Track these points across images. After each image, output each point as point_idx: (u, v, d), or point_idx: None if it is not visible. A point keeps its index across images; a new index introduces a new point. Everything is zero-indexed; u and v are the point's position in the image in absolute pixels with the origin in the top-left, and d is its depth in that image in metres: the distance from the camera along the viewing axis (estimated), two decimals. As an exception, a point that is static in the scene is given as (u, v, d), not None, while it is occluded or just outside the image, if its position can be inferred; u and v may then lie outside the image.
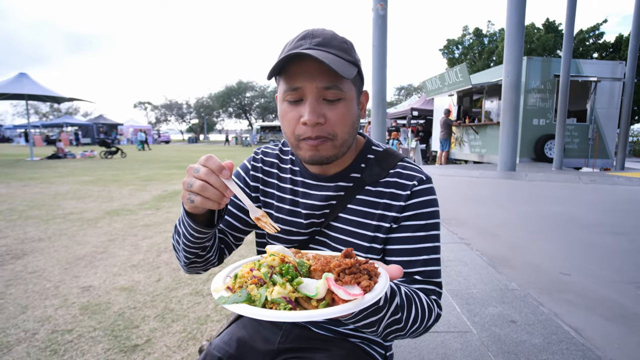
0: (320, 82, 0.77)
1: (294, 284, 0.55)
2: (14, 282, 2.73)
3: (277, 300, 0.53)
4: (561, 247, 3.63)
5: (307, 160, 0.83)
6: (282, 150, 1.02)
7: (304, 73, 0.77)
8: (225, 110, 59.43)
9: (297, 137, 0.81)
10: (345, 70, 0.76)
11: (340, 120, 0.80)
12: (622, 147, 11.63)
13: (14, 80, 14.18)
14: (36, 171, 10.43)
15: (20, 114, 53.62)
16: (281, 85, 0.82)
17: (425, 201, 0.86)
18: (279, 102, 0.85)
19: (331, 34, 0.81)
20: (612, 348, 1.91)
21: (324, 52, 0.76)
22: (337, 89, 0.78)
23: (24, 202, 5.80)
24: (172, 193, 6.71)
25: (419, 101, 19.31)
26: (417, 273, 0.83)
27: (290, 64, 0.78)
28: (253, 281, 0.57)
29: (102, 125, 39.81)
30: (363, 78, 0.88)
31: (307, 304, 0.54)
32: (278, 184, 0.98)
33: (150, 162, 14.27)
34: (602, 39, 25.58)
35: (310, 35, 0.80)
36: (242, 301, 0.54)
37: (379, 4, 7.68)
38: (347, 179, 0.90)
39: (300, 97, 0.79)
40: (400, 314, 0.72)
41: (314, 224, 0.92)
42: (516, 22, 8.32)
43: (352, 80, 0.82)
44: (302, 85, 0.77)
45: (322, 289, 0.53)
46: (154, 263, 3.15)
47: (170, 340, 1.98)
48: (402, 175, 0.88)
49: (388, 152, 0.94)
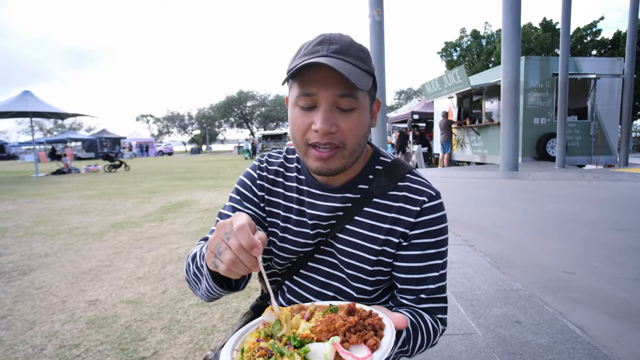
0: (336, 90, 0.75)
1: (301, 353, 0.53)
2: (21, 298, 2.76)
3: None
4: (565, 245, 3.61)
5: (314, 170, 0.82)
6: (286, 159, 0.98)
7: (319, 80, 0.75)
8: (226, 120, 59.80)
9: (307, 141, 0.79)
10: (362, 81, 0.74)
11: (352, 130, 0.78)
12: (625, 143, 11.59)
13: (19, 98, 14.39)
14: (41, 187, 10.53)
15: (25, 131, 54.23)
16: (294, 89, 0.79)
17: (435, 218, 0.85)
18: (290, 106, 0.82)
19: (349, 42, 0.79)
20: (618, 346, 1.90)
21: (341, 60, 0.74)
22: (352, 98, 0.76)
23: (30, 218, 5.86)
24: (176, 204, 6.76)
25: (419, 104, 19.34)
26: (424, 291, 0.85)
27: (305, 69, 0.75)
28: (260, 353, 0.55)
29: (106, 139, 40.17)
30: (377, 86, 0.86)
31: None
32: (284, 193, 0.95)
33: (154, 174, 14.35)
34: (599, 36, 25.60)
35: (328, 41, 0.78)
36: None
37: (375, 10, 7.75)
38: (354, 190, 0.88)
39: (314, 104, 0.77)
40: (407, 346, 0.78)
41: (320, 234, 0.90)
42: (512, 23, 8.36)
43: (367, 90, 0.80)
44: (317, 92, 0.75)
45: (330, 355, 0.52)
46: (160, 275, 3.17)
47: (177, 352, 1.99)
48: (411, 189, 0.87)
49: (396, 163, 0.92)
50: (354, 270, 0.87)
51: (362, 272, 0.86)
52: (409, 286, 0.85)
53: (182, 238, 4.35)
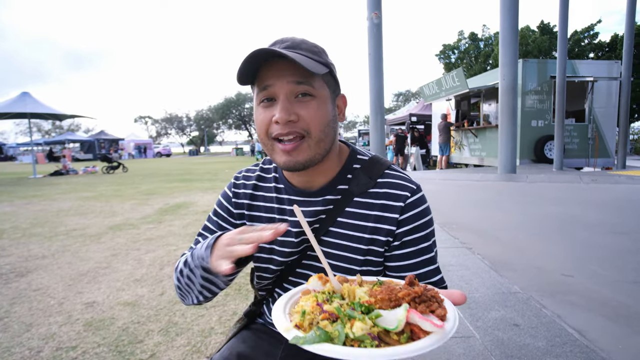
0: (290, 78, 0.77)
1: (372, 317, 0.51)
2: (18, 300, 2.75)
3: (362, 337, 0.48)
4: (563, 248, 3.62)
5: (282, 165, 0.82)
6: (263, 169, 0.99)
7: (273, 72, 0.78)
8: (225, 122, 59.84)
9: (270, 135, 0.80)
10: (314, 67, 0.76)
11: (313, 118, 0.79)
12: (623, 145, 11.65)
13: (17, 99, 14.38)
14: (39, 188, 10.49)
15: (23, 132, 54.01)
16: (255, 90, 0.82)
17: (420, 212, 0.85)
18: (254, 109, 0.84)
19: (301, 39, 0.83)
20: (616, 349, 1.91)
21: (292, 52, 0.77)
22: (308, 85, 0.78)
23: (27, 219, 5.84)
24: (174, 206, 6.74)
25: (417, 106, 19.40)
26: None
27: (260, 68, 0.79)
28: (324, 316, 0.52)
29: (104, 140, 40.08)
30: (338, 82, 0.88)
31: (387, 338, 0.50)
32: (264, 205, 0.95)
33: (152, 176, 14.33)
34: (597, 39, 25.74)
35: (280, 41, 0.82)
36: (323, 340, 0.49)
37: (374, 12, 7.78)
38: (334, 192, 0.88)
39: (272, 96, 0.79)
40: None
41: (305, 241, 0.89)
42: (510, 25, 8.41)
43: (324, 80, 0.82)
44: (272, 83, 0.78)
45: (403, 322, 0.49)
46: (157, 277, 3.16)
47: (175, 354, 1.98)
48: (391, 185, 0.87)
49: (374, 160, 0.92)
50: (342, 272, 0.86)
51: (351, 273, 0.86)
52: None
53: (180, 240, 4.34)
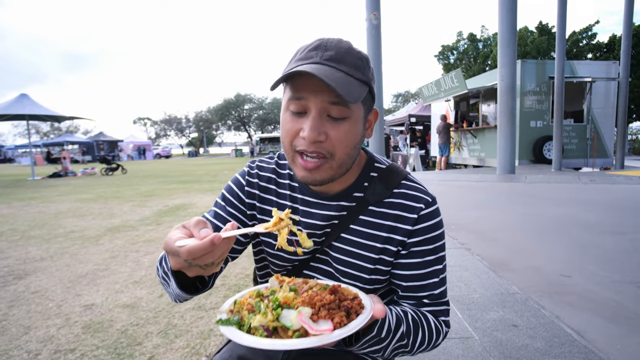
0: (326, 97, 0.73)
1: (275, 314, 0.59)
2: (17, 302, 2.74)
3: (257, 327, 0.58)
4: (561, 248, 3.63)
5: (299, 179, 0.80)
6: (278, 164, 0.96)
7: (310, 86, 0.73)
8: (224, 123, 59.83)
9: (294, 147, 0.77)
10: (354, 92, 0.72)
11: (342, 140, 0.75)
12: (621, 145, 11.67)
13: (15, 101, 14.33)
14: (37, 190, 10.47)
15: (21, 134, 53.91)
16: (286, 92, 0.77)
17: (432, 225, 0.85)
18: (282, 109, 0.80)
19: (346, 49, 0.75)
20: (614, 350, 1.91)
21: (333, 69, 0.72)
22: (343, 106, 0.73)
23: (25, 222, 5.82)
24: (173, 208, 6.73)
25: (416, 107, 19.44)
26: (426, 297, 0.85)
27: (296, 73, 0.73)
28: (247, 307, 0.63)
29: (103, 142, 40.05)
30: (374, 95, 0.83)
31: (284, 334, 0.58)
32: (277, 200, 0.92)
33: (151, 178, 14.31)
34: (595, 40, 25.81)
35: (323, 47, 0.75)
36: (233, 324, 0.60)
37: (373, 13, 7.79)
38: (349, 199, 0.87)
39: (304, 109, 0.75)
40: (407, 340, 0.77)
41: (315, 243, 0.88)
42: (508, 26, 8.44)
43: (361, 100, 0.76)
44: (307, 96, 0.73)
45: (296, 321, 0.57)
46: (156, 279, 3.15)
47: (174, 357, 1.98)
48: (407, 196, 0.86)
49: (391, 169, 0.90)
50: (350, 279, 0.86)
51: (359, 281, 0.86)
52: (411, 293, 0.86)
53: (179, 242, 4.33)
